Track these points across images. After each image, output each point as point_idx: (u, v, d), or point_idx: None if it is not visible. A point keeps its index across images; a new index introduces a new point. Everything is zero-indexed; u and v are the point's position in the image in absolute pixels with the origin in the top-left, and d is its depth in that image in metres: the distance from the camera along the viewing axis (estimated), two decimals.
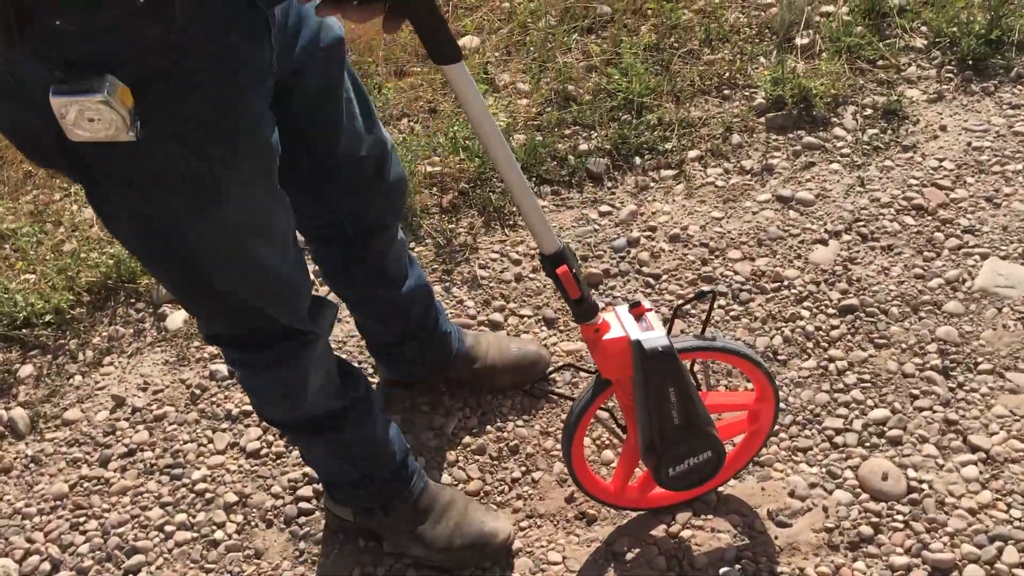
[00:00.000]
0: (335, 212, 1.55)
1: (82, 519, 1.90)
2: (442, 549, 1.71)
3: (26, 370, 2.20)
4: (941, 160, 2.45)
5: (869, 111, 2.62)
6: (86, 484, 1.96)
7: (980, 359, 1.99)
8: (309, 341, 1.43)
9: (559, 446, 1.90)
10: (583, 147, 2.58)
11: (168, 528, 1.86)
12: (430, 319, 1.86)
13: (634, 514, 1.79)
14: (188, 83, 1.04)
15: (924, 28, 2.86)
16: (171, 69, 1.01)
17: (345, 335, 2.18)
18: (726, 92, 2.74)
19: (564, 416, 1.96)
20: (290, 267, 1.33)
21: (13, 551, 1.85)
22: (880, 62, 2.77)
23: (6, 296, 2.28)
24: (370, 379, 2.07)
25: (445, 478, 1.89)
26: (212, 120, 1.08)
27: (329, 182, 1.49)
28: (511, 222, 2.42)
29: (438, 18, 1.11)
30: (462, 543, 1.71)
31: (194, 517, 1.88)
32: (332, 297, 1.93)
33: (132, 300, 2.34)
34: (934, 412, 1.91)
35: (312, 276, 1.55)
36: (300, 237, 1.50)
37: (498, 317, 2.19)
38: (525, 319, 2.19)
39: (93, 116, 0.96)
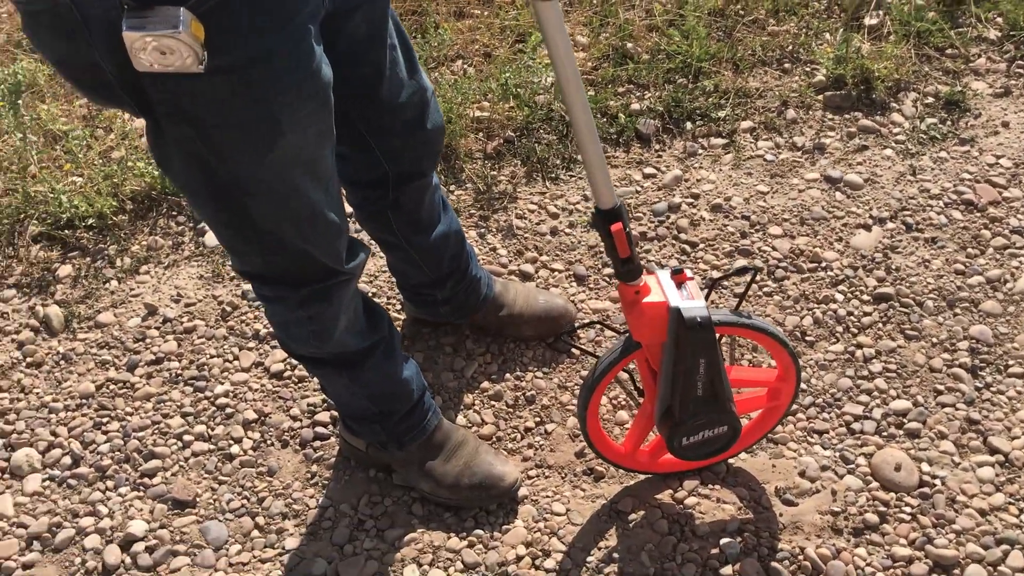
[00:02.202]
0: (373, 156, 1.55)
1: (105, 420, 1.95)
2: (450, 486, 1.74)
3: (65, 270, 2.25)
4: (999, 157, 2.39)
5: (930, 99, 2.56)
6: (112, 386, 2.01)
7: (1012, 362, 1.96)
8: (343, 281, 1.44)
9: (575, 401, 1.91)
10: (635, 107, 2.55)
11: (187, 437, 1.91)
12: (461, 263, 1.86)
13: (642, 476, 1.80)
14: (250, 16, 1.03)
15: (1000, 20, 2.77)
16: (231, 1, 1.01)
17: (377, 269, 2.19)
18: (787, 66, 2.69)
19: (584, 373, 1.97)
20: (332, 205, 1.34)
21: (37, 442, 1.91)
22: (949, 51, 2.69)
23: (52, 196, 2.33)
24: (397, 315, 2.09)
25: (460, 419, 1.91)
26: (275, 57, 1.08)
27: (368, 126, 1.49)
28: (553, 175, 2.41)
29: None
30: (469, 483, 1.74)
31: (213, 430, 1.92)
32: (365, 239, 1.94)
33: (174, 213, 2.37)
34: (956, 409, 1.88)
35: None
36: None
37: (529, 268, 2.19)
38: (556, 273, 2.18)
39: (166, 50, 0.96)
